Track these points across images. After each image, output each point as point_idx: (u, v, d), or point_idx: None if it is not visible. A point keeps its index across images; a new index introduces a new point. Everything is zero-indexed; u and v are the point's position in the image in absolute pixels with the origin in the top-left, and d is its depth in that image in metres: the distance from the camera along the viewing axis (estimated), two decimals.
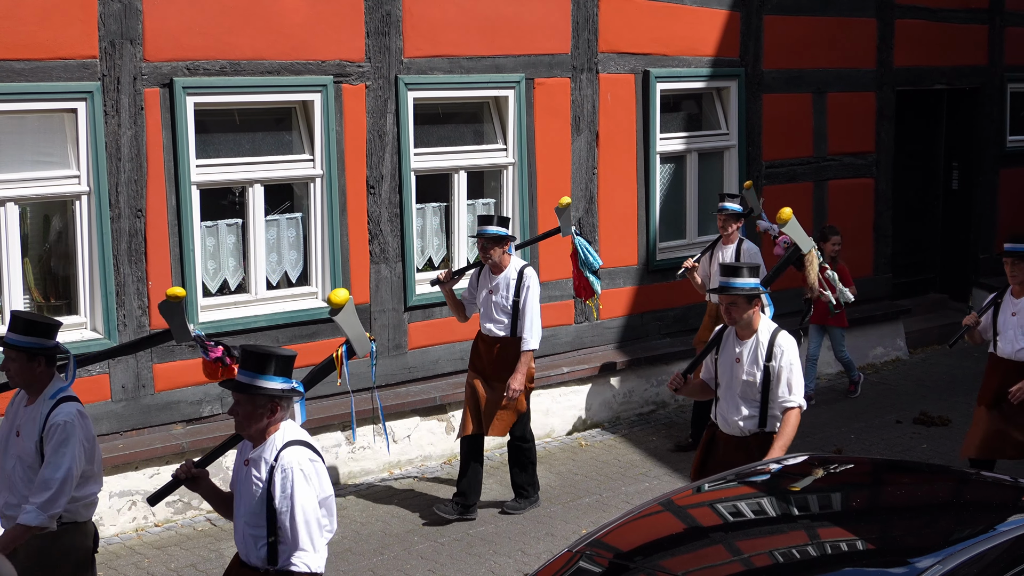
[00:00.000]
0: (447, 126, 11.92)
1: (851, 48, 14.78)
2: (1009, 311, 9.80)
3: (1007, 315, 9.81)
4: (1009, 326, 9.79)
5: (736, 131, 13.85)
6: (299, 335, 10.86)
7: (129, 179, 9.97)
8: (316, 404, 10.91)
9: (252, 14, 10.40)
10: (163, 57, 10.02)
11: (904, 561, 5.58)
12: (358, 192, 11.13)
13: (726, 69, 13.62)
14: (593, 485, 11.07)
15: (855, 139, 14.99)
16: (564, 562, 5.82)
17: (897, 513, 6.50)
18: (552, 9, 12.16)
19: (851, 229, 14.59)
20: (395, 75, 11.20)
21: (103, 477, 7.23)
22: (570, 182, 12.45)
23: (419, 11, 11.28)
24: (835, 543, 6.05)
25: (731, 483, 6.78)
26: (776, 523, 6.37)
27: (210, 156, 10.46)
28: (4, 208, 9.53)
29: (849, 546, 5.99)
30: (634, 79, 12.86)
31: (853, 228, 14.68)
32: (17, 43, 9.38)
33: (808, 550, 5.97)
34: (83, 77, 9.70)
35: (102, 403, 9.94)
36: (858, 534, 6.09)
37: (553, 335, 12.44)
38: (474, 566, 9.39)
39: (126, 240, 10.00)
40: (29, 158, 9.67)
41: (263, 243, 10.78)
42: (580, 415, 12.56)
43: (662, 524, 6.36)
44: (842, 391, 13.74)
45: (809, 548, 6.00)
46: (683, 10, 13.14)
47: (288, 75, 10.65)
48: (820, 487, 6.92)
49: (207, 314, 10.41)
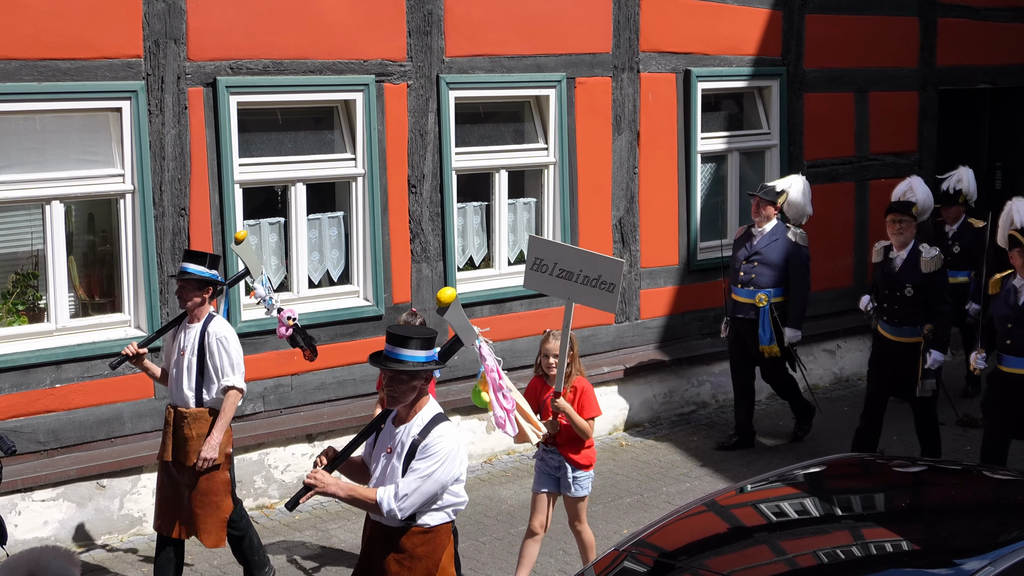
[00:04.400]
0: (488, 125, 11.93)
1: (894, 47, 14.70)
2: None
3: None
4: None
5: (778, 130, 13.79)
6: (340, 333, 10.89)
7: (173, 178, 10.02)
8: (358, 402, 10.96)
9: (295, 13, 10.44)
10: (207, 56, 10.07)
11: (951, 563, 5.56)
12: (399, 191, 11.15)
13: (768, 68, 13.58)
14: (634, 485, 11.06)
15: (897, 139, 14.91)
16: (610, 561, 5.82)
17: (942, 514, 6.47)
18: (593, 8, 12.14)
19: None
20: (437, 74, 11.22)
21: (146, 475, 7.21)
22: (611, 181, 12.43)
23: (461, 10, 11.29)
24: (879, 544, 6.03)
25: (775, 484, 6.77)
26: (820, 523, 6.36)
27: (253, 155, 10.51)
28: (50, 206, 9.60)
29: (894, 547, 5.97)
30: (675, 78, 12.83)
31: None
32: (63, 43, 9.44)
33: (852, 550, 5.96)
34: (128, 76, 9.75)
35: (145, 400, 10.00)
36: (903, 535, 6.07)
37: (593, 335, 12.44)
38: (515, 565, 9.37)
39: (170, 238, 10.05)
40: (74, 157, 9.73)
41: (305, 242, 10.81)
42: (620, 415, 12.54)
43: (706, 524, 6.36)
44: None
45: (853, 548, 5.98)
46: (725, 9, 13.10)
47: (330, 74, 10.68)
48: (864, 488, 6.91)
49: (250, 312, 10.45)
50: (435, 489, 6.24)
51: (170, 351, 8.79)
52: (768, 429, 12.56)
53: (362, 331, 10.99)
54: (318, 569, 9.39)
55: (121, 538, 9.81)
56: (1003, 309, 9.88)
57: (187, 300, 8.58)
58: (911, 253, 10.91)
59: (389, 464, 6.33)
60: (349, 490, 6.30)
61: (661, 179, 12.85)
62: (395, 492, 6.17)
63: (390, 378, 6.30)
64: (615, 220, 12.51)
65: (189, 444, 8.52)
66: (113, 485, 9.78)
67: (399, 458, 6.28)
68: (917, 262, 10.83)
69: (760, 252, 11.76)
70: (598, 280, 8.06)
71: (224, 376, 8.55)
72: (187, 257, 8.66)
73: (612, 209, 12.48)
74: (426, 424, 6.32)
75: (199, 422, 8.54)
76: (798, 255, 11.77)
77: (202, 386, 8.58)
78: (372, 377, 11.07)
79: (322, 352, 10.67)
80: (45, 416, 9.55)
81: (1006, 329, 9.82)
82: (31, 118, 9.54)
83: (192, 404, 8.57)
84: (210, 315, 8.64)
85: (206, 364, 8.56)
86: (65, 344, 9.66)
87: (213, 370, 8.56)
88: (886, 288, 11.02)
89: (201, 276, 8.53)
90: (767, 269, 11.74)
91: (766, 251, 11.75)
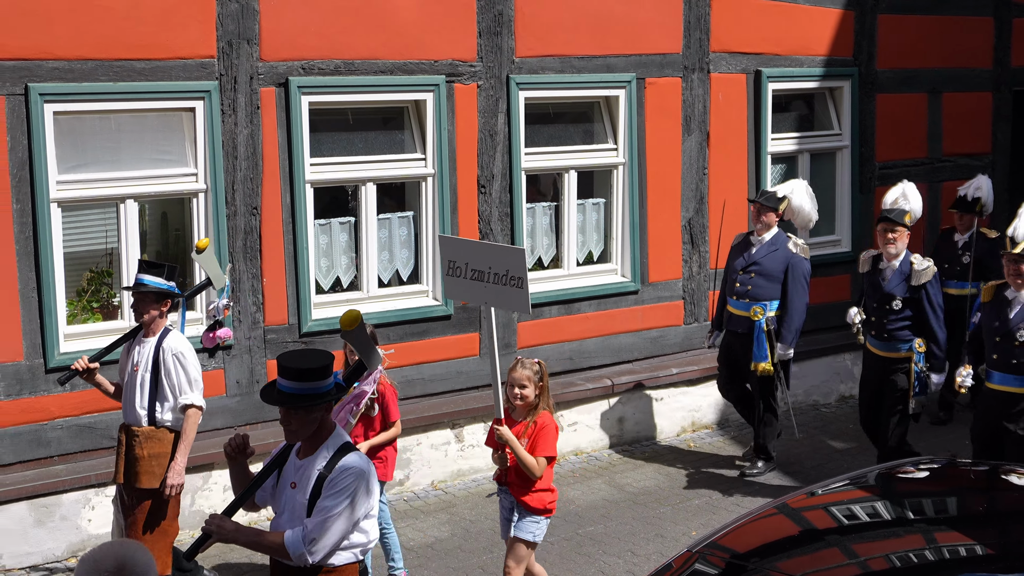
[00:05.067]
0: (557, 125, 11.93)
1: (967, 48, 14.53)
2: None
3: None
4: None
5: (849, 131, 13.69)
6: (410, 333, 10.93)
7: (245, 177, 10.11)
8: (427, 401, 11.01)
9: (366, 14, 10.49)
10: (279, 57, 10.15)
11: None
12: (469, 191, 11.17)
13: (839, 69, 13.48)
14: (703, 487, 11.01)
15: (971, 140, 14.74)
16: (683, 562, 5.81)
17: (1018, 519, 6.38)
18: (664, 8, 12.11)
19: None
20: (507, 75, 11.24)
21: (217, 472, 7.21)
22: (680, 182, 12.39)
23: (531, 11, 11.30)
24: (953, 548, 5.96)
25: (846, 487, 6.72)
26: (892, 527, 6.29)
27: (323, 155, 10.57)
28: (124, 205, 9.71)
29: (968, 551, 5.90)
30: (745, 79, 12.77)
31: None
32: (138, 43, 9.55)
33: (926, 554, 5.89)
34: (201, 77, 9.85)
35: (217, 397, 10.09)
36: (977, 539, 6.00)
37: (662, 336, 12.41)
38: (584, 566, 9.38)
39: (241, 237, 10.14)
40: (148, 156, 9.84)
41: (375, 241, 10.86)
42: (688, 416, 12.50)
43: (778, 527, 6.31)
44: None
45: (927, 552, 5.91)
46: (796, 9, 13.02)
47: (401, 74, 10.73)
48: (937, 491, 6.83)
49: (320, 311, 10.52)
50: (345, 527, 5.84)
51: (123, 366, 8.38)
52: (838, 432, 12.47)
53: (431, 331, 11.03)
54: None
55: (192, 534, 9.91)
56: (992, 321, 9.37)
57: (143, 313, 8.15)
58: (903, 264, 10.46)
59: (294, 501, 5.93)
60: (253, 536, 5.99)
61: (731, 180, 12.79)
62: (303, 535, 5.79)
63: (285, 412, 5.85)
64: (684, 221, 12.48)
65: (139, 464, 8.15)
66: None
67: (304, 494, 5.88)
68: (909, 273, 10.38)
69: (758, 262, 11.15)
70: (507, 276, 7.42)
71: (182, 394, 8.16)
72: (143, 268, 8.19)
73: (681, 210, 12.44)
74: (332, 456, 5.90)
75: (151, 441, 8.17)
76: (798, 267, 11.12)
77: (155, 404, 8.17)
78: (441, 376, 11.12)
79: (390, 351, 10.79)
80: (117, 412, 9.62)
81: (993, 343, 9.34)
82: (106, 118, 9.67)
83: (144, 423, 8.17)
84: (166, 329, 8.23)
85: (161, 381, 8.14)
86: None
87: (169, 388, 8.15)
88: (874, 301, 10.56)
89: (158, 288, 8.11)
90: (765, 281, 11.13)
91: (764, 261, 11.14)
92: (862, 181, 13.68)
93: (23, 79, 9.15)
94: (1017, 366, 9.21)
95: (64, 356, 9.43)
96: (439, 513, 10.43)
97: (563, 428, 11.58)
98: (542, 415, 7.81)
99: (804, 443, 12.05)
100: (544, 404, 7.85)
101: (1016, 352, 9.20)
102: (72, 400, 9.53)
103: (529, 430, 7.74)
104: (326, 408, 5.96)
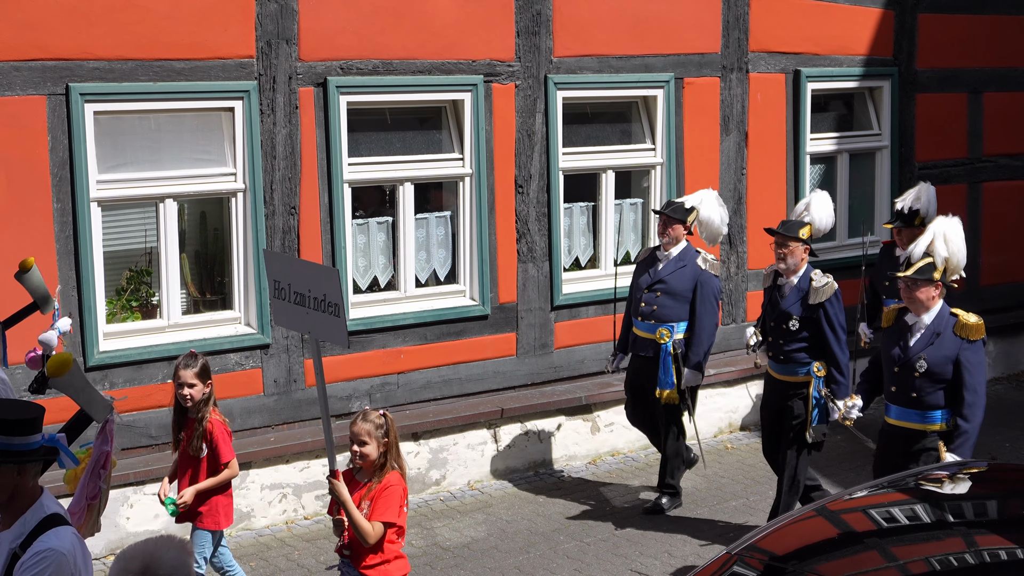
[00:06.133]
0: (595, 125, 11.91)
1: (1009, 47, 14.43)
2: None
3: None
4: None
5: (888, 132, 13.61)
6: (447, 333, 10.94)
7: (283, 177, 10.13)
8: (464, 401, 11.01)
9: (404, 14, 10.50)
10: (317, 57, 10.17)
11: None
12: (506, 191, 11.17)
13: (879, 68, 13.40)
14: (739, 488, 10.97)
15: (1012, 140, 14.62)
16: (720, 564, 5.79)
17: None
18: (702, 8, 12.08)
19: (1007, 232, 14.29)
20: (544, 74, 11.23)
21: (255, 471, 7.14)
22: (718, 182, 12.35)
23: (569, 10, 11.29)
24: (993, 551, 5.92)
25: (885, 489, 6.68)
26: (932, 530, 6.26)
27: (361, 154, 10.59)
28: (163, 204, 9.76)
29: (1008, 555, 5.86)
30: (784, 79, 12.72)
31: (1009, 231, 14.35)
32: (177, 43, 9.59)
33: (965, 558, 5.86)
34: (240, 76, 9.88)
35: (255, 396, 10.12)
36: (1018, 543, 5.95)
37: None
38: (620, 567, 9.37)
39: (280, 236, 10.16)
40: (187, 156, 9.89)
41: (412, 241, 10.87)
42: (726, 417, 12.46)
43: (816, 529, 6.29)
44: (995, 399, 13.39)
45: (966, 556, 5.88)
46: (835, 8, 12.96)
47: (439, 74, 10.73)
48: (977, 495, 6.79)
49: (357, 311, 10.53)
50: None
51: None
52: (875, 435, 12.37)
53: (468, 331, 11.03)
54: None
55: (230, 532, 9.94)
56: (891, 348, 8.39)
57: None
58: (801, 280, 9.57)
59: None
60: None
61: (769, 180, 12.74)
62: None
63: None
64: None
65: None
66: None
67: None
68: (807, 291, 9.51)
69: (664, 280, 10.28)
70: (324, 301, 6.39)
71: None
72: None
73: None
74: (29, 532, 4.94)
75: None
76: (708, 285, 10.23)
77: None
78: (478, 376, 11.13)
79: (428, 351, 10.84)
80: (157, 411, 9.70)
81: (892, 373, 8.35)
82: (146, 117, 9.71)
83: None
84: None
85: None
86: (177, 340, 9.80)
87: None
88: (771, 320, 9.72)
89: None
90: (671, 300, 10.25)
91: (671, 279, 10.26)
92: (902, 181, 13.59)
93: (64, 79, 9.21)
94: (916, 400, 8.24)
95: (103, 354, 9.48)
96: (475, 513, 10.43)
97: (600, 429, 11.58)
98: (392, 474, 6.75)
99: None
100: (392, 463, 6.78)
101: (916, 384, 8.22)
102: None
103: (372, 492, 6.72)
104: (22, 471, 5.00)
